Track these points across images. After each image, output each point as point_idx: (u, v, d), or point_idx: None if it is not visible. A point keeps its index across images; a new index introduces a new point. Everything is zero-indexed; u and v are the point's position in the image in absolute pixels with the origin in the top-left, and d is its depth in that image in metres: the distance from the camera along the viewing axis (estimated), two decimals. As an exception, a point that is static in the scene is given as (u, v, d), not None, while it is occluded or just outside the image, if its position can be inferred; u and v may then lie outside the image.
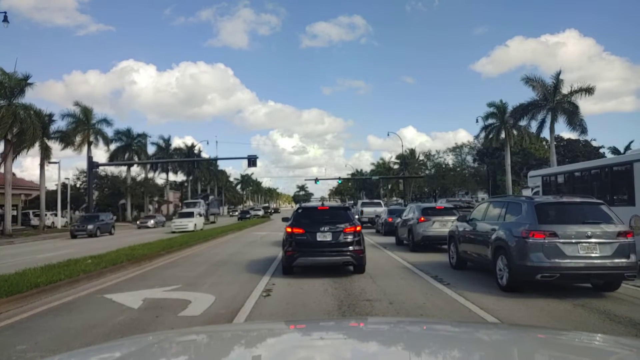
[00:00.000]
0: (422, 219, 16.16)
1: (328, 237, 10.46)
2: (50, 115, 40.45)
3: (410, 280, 10.00)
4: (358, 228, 10.76)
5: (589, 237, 7.92)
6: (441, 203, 28.13)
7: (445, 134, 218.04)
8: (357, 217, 16.05)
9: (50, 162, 41.22)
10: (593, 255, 7.88)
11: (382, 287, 9.02)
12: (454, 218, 15.66)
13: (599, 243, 7.92)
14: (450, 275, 10.52)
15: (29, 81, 34.14)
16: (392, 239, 19.70)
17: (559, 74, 35.75)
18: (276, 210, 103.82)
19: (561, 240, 7.90)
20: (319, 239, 10.44)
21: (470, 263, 10.90)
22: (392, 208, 26.99)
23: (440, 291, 8.68)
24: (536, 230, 8.04)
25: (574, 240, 7.91)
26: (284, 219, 13.66)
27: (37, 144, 37.21)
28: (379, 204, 35.39)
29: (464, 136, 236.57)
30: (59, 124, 42.09)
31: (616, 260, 7.88)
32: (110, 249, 15.39)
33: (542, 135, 41.82)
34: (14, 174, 39.47)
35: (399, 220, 19.22)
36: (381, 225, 25.03)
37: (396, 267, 12.15)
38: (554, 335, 2.21)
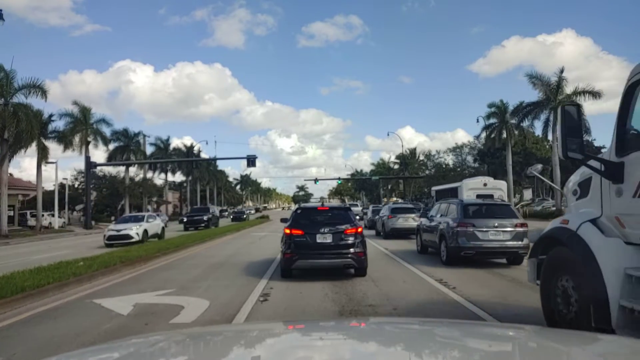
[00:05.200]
0: (391, 215, 21.41)
1: (328, 239, 10.04)
2: (50, 116, 40.24)
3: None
4: (359, 229, 10.36)
5: (496, 227, 11.44)
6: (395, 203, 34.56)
7: (443, 134, 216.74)
8: None
9: (47, 163, 40.87)
10: (498, 239, 11.39)
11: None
12: (414, 215, 20.82)
13: (503, 231, 11.43)
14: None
15: (41, 85, 34.33)
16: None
17: (562, 71, 35.45)
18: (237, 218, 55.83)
19: (477, 229, 11.36)
20: (318, 240, 10.02)
21: (430, 249, 13.98)
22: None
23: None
24: (461, 222, 11.51)
25: (485, 229, 11.39)
26: (283, 220, 13.19)
27: (34, 144, 36.83)
28: (356, 205, 51.09)
29: (462, 136, 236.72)
30: (57, 124, 41.70)
31: (514, 243, 11.36)
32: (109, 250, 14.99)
33: (544, 135, 41.50)
34: (11, 174, 39.09)
35: (377, 217, 24.59)
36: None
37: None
38: (554, 335, 2.21)
